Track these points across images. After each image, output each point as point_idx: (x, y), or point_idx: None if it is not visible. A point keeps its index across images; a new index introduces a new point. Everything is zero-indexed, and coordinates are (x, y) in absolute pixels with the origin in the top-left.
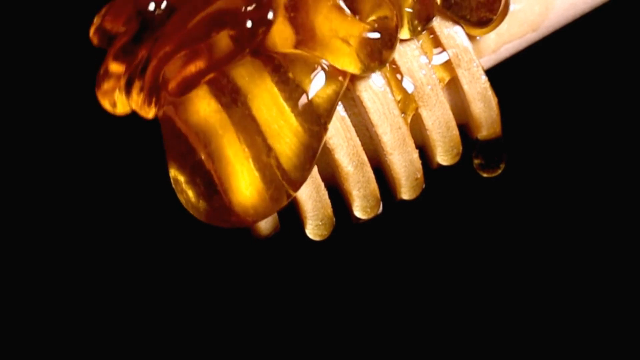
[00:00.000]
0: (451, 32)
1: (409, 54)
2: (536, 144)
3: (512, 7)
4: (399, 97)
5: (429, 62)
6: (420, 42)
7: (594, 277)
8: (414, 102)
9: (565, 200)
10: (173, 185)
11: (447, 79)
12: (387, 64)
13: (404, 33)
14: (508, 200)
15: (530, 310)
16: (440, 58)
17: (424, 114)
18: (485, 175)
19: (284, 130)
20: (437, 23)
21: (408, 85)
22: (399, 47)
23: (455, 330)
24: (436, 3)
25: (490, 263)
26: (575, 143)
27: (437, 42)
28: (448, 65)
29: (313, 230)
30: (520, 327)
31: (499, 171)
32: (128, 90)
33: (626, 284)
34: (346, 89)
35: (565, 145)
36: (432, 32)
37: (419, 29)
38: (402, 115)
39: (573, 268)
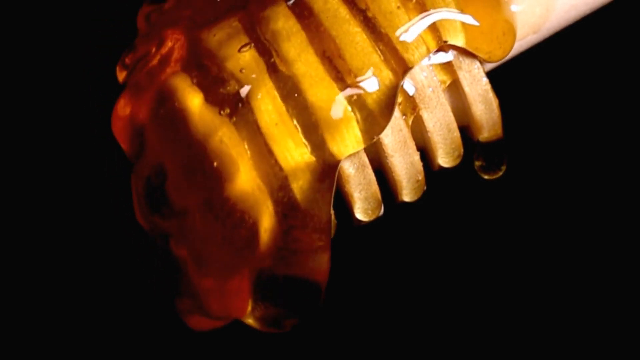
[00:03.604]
0: None
1: None
2: (537, 146)
3: (513, 9)
4: (399, 99)
5: (430, 64)
6: None
7: (595, 279)
8: (415, 104)
9: (566, 202)
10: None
11: (448, 81)
12: None
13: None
14: (509, 202)
15: (531, 312)
16: (441, 59)
17: (425, 116)
18: (486, 177)
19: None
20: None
21: (409, 87)
22: None
23: (456, 331)
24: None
25: (492, 265)
26: (576, 144)
27: None
28: (449, 67)
29: None
30: (520, 327)
31: (500, 173)
32: None
33: (626, 285)
34: None
35: (566, 147)
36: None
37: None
38: (403, 117)
39: (574, 269)
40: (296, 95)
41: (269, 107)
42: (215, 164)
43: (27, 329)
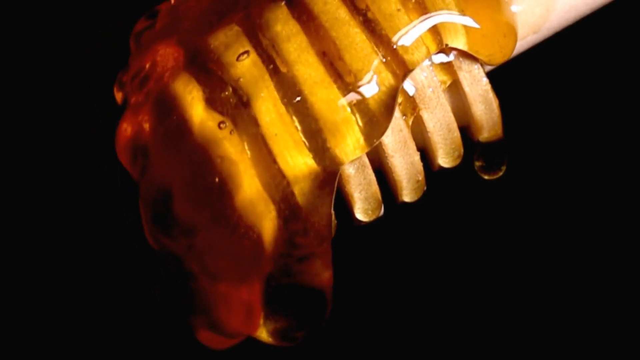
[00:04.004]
0: None
1: None
2: (538, 146)
3: (513, 9)
4: (400, 100)
5: (430, 65)
6: None
7: (595, 279)
8: (415, 105)
9: (566, 202)
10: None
11: (448, 81)
12: None
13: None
14: (509, 202)
15: (531, 312)
16: (441, 59)
17: (425, 116)
18: (486, 177)
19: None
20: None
21: (409, 87)
22: None
23: (456, 331)
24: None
25: (492, 265)
26: (576, 145)
27: None
28: (449, 67)
29: None
30: (520, 327)
31: (501, 173)
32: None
33: (626, 285)
34: None
35: (566, 147)
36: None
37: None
38: (403, 117)
39: (574, 269)
40: (297, 99)
41: (271, 113)
42: (219, 177)
43: (42, 352)
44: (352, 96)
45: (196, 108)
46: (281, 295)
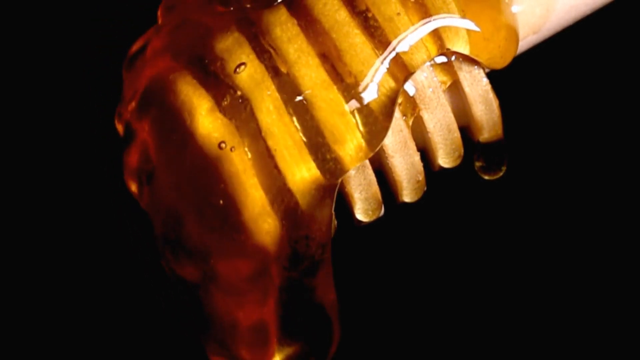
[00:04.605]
0: None
1: None
2: (538, 146)
3: (513, 10)
4: (400, 100)
5: (430, 65)
6: None
7: (595, 279)
8: (415, 105)
9: (566, 203)
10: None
11: (448, 81)
12: None
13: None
14: (509, 202)
15: (531, 312)
16: (441, 60)
17: (426, 116)
18: (486, 177)
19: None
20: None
21: (409, 88)
22: None
23: (456, 332)
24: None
25: (492, 265)
26: (577, 145)
27: None
28: (449, 67)
29: None
30: (520, 327)
31: (501, 173)
32: None
33: (626, 285)
34: None
35: (567, 147)
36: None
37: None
38: (404, 117)
39: (574, 269)
40: (298, 99)
41: (272, 114)
42: (224, 198)
43: None
44: (353, 97)
45: (198, 118)
46: (292, 316)
